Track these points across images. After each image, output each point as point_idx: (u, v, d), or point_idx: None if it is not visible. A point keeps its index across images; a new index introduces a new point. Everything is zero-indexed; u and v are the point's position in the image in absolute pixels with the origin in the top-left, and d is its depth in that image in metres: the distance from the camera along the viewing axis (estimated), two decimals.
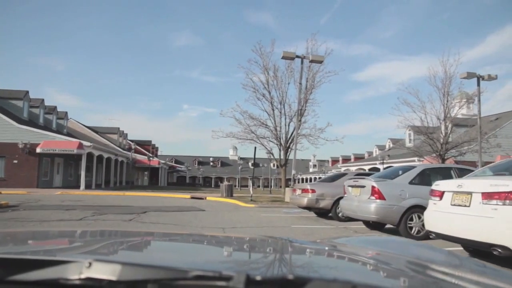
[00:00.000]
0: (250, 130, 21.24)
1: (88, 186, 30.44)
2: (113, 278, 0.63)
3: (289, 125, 21.27)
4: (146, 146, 54.88)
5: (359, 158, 62.82)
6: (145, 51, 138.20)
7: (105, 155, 32.88)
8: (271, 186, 35.22)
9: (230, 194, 22.03)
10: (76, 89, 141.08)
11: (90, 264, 0.65)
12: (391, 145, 48.30)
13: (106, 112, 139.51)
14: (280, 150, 21.44)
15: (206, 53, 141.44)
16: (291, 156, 21.90)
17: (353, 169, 45.19)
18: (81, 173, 27.20)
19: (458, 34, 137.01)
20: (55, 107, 35.88)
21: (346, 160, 71.97)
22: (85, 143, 27.17)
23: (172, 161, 73.39)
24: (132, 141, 54.55)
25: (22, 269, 0.67)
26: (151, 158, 41.04)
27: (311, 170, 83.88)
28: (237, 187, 79.14)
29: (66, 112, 38.12)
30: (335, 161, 77.01)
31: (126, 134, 51.80)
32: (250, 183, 18.84)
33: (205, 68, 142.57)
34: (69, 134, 34.76)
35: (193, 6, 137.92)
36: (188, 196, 22.97)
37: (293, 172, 19.05)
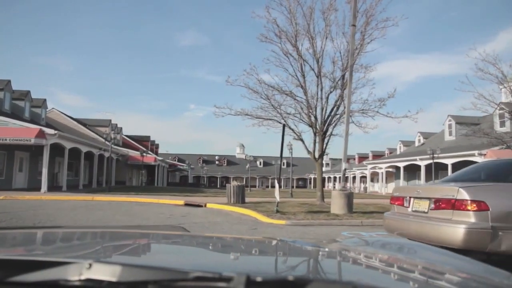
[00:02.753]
0: (271, 104, 14.01)
1: (56, 188, 23.37)
2: (113, 279, 0.61)
3: (328, 97, 14.08)
4: (144, 142, 47.68)
5: (377, 156, 55.11)
6: (150, 50, 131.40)
7: (84, 149, 25.78)
8: (292, 187, 27.94)
9: (240, 199, 14.84)
10: (80, 89, 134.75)
11: (90, 265, 0.64)
12: (422, 140, 40.70)
13: (108, 111, 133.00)
14: (315, 134, 14.20)
15: (212, 52, 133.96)
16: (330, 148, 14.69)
17: (383, 166, 37.80)
18: (43, 170, 20.13)
19: (467, 31, 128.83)
20: (28, 91, 28.70)
21: (363, 158, 64.37)
22: (48, 130, 20.11)
23: (175, 160, 66.37)
24: (128, 136, 47.65)
25: (23, 270, 0.65)
26: (144, 154, 33.89)
27: (324, 169, 76.43)
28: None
29: (45, 100, 30.99)
30: (350, 159, 69.52)
31: (121, 128, 44.59)
32: (275, 184, 11.58)
33: (211, 67, 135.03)
34: (48, 125, 27.76)
35: (198, 5, 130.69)
36: (181, 202, 15.80)
37: (344, 166, 11.79)
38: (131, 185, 37.40)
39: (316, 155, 14.71)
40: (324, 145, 14.58)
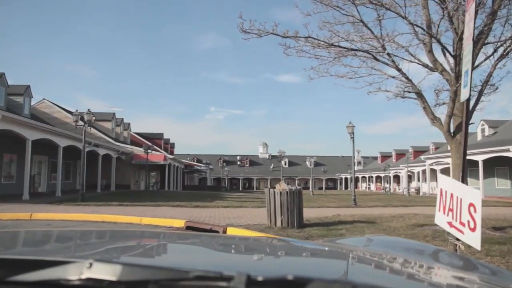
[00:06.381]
0: (360, 19, 6.12)
1: (12, 196, 16.08)
2: (114, 278, 0.60)
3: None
4: (156, 140, 40.57)
5: (419, 151, 46.18)
6: (171, 54, 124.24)
7: (63, 143, 18.62)
8: (319, 188, 20.17)
9: (296, 219, 7.13)
10: (103, 94, 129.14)
11: (90, 264, 0.62)
12: (488, 129, 31.89)
13: (129, 115, 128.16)
14: (457, 79, 6.29)
15: (232, 54, 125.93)
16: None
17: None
18: None
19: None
20: (1, 74, 21.81)
21: (400, 155, 55.63)
22: None
23: (193, 160, 59.13)
24: (137, 133, 40.68)
25: (23, 269, 0.64)
26: (149, 151, 26.56)
27: (355, 168, 67.74)
28: None
29: (28, 86, 23.87)
30: (385, 156, 60.88)
31: (128, 124, 37.64)
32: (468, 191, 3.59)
33: (231, 70, 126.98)
34: (34, 117, 21.03)
35: (218, 7, 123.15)
36: (181, 222, 8.17)
37: None
38: (137, 189, 30.12)
39: (452, 127, 6.81)
40: (472, 105, 6.64)
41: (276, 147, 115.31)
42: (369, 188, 60.77)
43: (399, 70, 6.78)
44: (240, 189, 59.46)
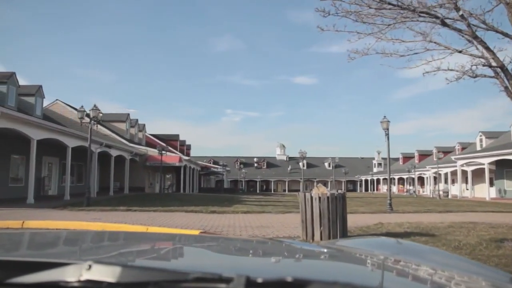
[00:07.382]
0: None
1: (17, 200, 14.91)
2: (113, 280, 0.60)
3: None
4: (172, 141, 39.46)
5: (444, 152, 43.58)
6: (186, 57, 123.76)
7: (71, 143, 17.46)
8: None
9: (339, 229, 5.56)
10: (118, 96, 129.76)
11: (90, 266, 0.63)
12: None
13: (145, 118, 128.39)
14: None
15: (247, 56, 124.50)
16: None
17: (485, 161, 27.05)
18: None
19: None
20: (12, 73, 20.79)
21: (423, 156, 53.16)
22: None
23: (210, 162, 57.94)
24: (153, 135, 39.67)
25: (22, 271, 0.64)
26: (164, 152, 25.29)
27: (375, 170, 65.49)
28: (286, 191, 62.84)
29: (39, 86, 22.84)
30: (407, 157, 58.40)
31: (143, 125, 36.64)
32: None
33: (246, 72, 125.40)
34: (47, 118, 20.04)
35: (232, 9, 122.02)
36: (194, 233, 6.69)
37: None
38: (152, 192, 28.91)
39: None
40: None
41: (293, 149, 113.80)
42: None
43: (476, 37, 5.15)
44: (258, 191, 57.91)
